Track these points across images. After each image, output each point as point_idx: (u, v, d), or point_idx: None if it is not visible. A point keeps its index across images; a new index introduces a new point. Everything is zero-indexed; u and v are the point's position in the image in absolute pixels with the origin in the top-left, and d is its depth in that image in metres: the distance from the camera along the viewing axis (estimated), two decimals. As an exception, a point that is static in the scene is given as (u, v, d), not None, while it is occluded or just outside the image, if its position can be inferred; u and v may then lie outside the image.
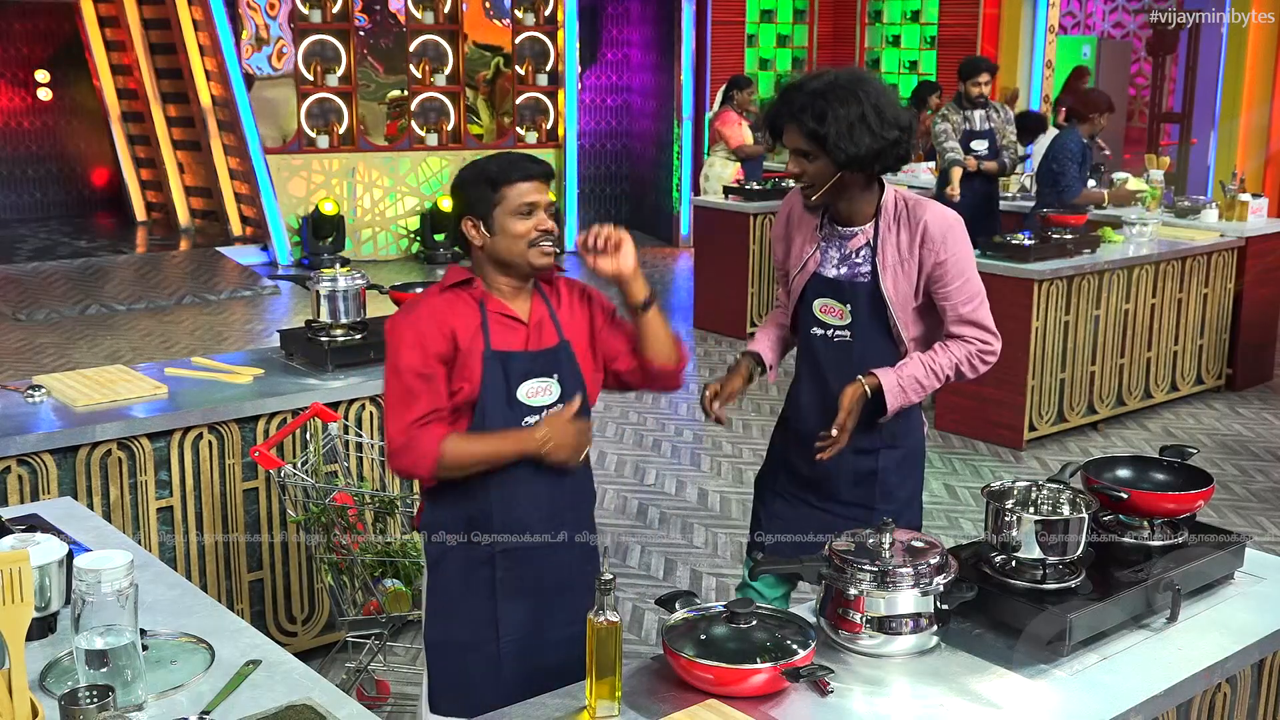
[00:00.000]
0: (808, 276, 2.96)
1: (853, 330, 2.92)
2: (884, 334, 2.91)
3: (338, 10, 11.39)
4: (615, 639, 2.08)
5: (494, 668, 2.69)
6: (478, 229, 2.64)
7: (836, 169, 2.81)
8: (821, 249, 2.96)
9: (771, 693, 2.12)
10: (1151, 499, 2.62)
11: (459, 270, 2.70)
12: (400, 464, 2.60)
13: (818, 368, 2.98)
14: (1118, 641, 2.35)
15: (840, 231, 2.94)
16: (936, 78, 12.37)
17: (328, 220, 11.11)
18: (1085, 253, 6.50)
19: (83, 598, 1.98)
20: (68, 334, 8.81)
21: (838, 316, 2.93)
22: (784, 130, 2.87)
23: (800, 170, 2.86)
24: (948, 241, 2.86)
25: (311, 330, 4.24)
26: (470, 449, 2.58)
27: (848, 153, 2.77)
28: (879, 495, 2.97)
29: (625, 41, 13.52)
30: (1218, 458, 6.36)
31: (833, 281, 2.93)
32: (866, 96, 2.77)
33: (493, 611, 2.68)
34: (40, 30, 12.99)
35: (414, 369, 2.57)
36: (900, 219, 2.89)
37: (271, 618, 4.03)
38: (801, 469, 3.03)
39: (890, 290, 2.87)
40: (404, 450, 2.56)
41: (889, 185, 2.95)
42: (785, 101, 2.85)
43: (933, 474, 6.08)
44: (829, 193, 2.86)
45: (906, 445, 3.02)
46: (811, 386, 3.00)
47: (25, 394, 3.78)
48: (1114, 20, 13.01)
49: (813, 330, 2.97)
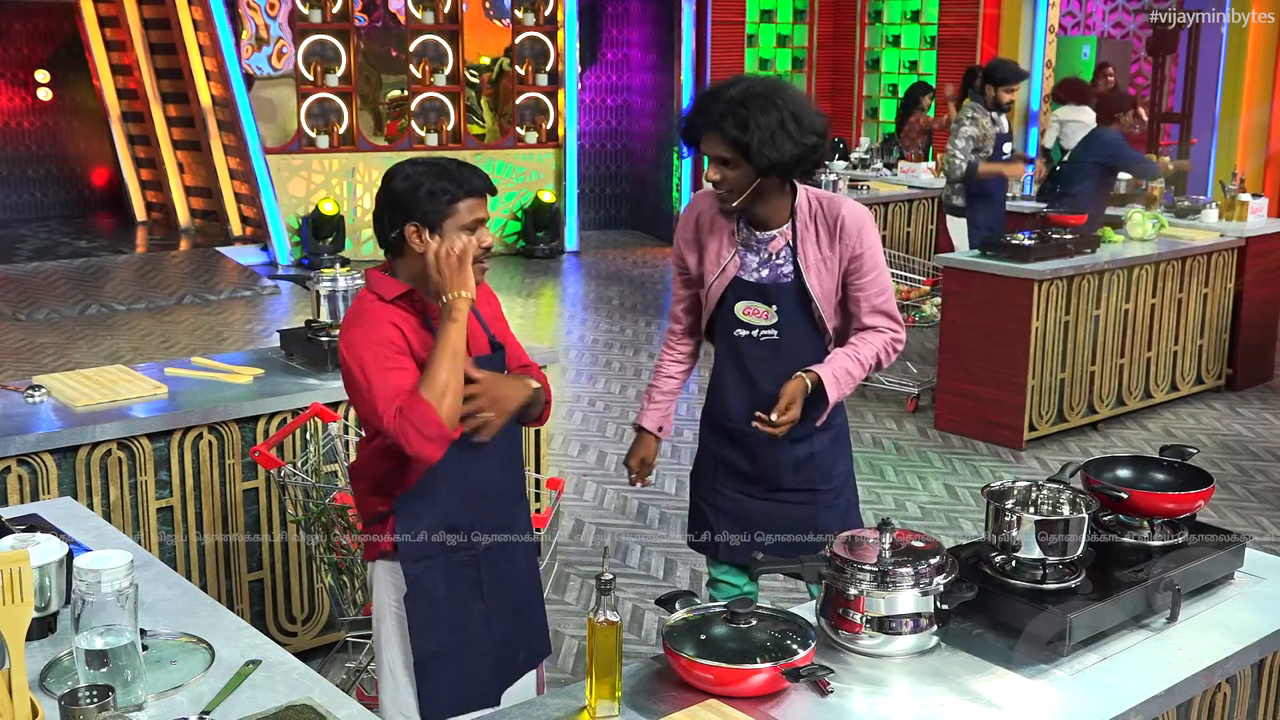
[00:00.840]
0: (728, 281, 3.03)
1: (779, 329, 3.01)
2: (809, 329, 3.02)
3: (338, 10, 11.39)
4: (615, 639, 2.08)
5: (485, 662, 2.74)
6: (421, 237, 2.58)
7: (757, 175, 2.87)
8: (740, 254, 3.02)
9: (771, 693, 2.12)
10: (1151, 499, 2.62)
11: (392, 281, 2.63)
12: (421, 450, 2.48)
13: (744, 367, 3.06)
14: (1118, 641, 2.35)
15: (758, 235, 3.01)
16: (936, 78, 12.36)
17: (328, 220, 11.11)
18: (1085, 253, 6.51)
19: (83, 598, 1.98)
20: (68, 334, 8.81)
21: (763, 318, 3.02)
22: (702, 138, 2.92)
23: (720, 177, 2.91)
24: (863, 235, 2.97)
25: (311, 330, 4.24)
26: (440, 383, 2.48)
27: (770, 158, 2.83)
28: (820, 477, 3.10)
29: (625, 41, 13.52)
30: (1218, 458, 6.36)
31: (755, 285, 3.01)
32: (785, 104, 2.84)
33: (483, 610, 2.72)
34: (40, 30, 12.99)
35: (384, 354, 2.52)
36: (816, 217, 2.98)
37: (271, 618, 4.03)
38: (741, 465, 3.13)
39: (815, 287, 2.97)
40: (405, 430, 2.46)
41: (800, 186, 3.02)
42: (703, 110, 2.90)
43: (933, 474, 6.09)
44: (747, 199, 2.93)
45: (835, 426, 3.13)
46: (740, 386, 3.08)
47: (25, 394, 3.78)
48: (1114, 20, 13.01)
49: (736, 332, 3.05)
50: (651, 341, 8.76)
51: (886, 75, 13.14)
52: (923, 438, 6.64)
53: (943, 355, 6.69)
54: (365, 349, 2.54)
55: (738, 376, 3.08)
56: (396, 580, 2.70)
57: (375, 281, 2.65)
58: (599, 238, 13.15)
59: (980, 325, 6.40)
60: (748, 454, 3.11)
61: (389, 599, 2.72)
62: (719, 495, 3.19)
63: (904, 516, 5.51)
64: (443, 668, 2.70)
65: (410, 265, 2.63)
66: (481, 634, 2.73)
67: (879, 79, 13.23)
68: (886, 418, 6.99)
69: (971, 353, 6.47)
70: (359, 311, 2.61)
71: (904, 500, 5.74)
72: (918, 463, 6.26)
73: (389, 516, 2.67)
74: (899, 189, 9.61)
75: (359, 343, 2.55)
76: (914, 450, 6.44)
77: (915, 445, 6.52)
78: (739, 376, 3.07)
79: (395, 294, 2.61)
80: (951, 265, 6.55)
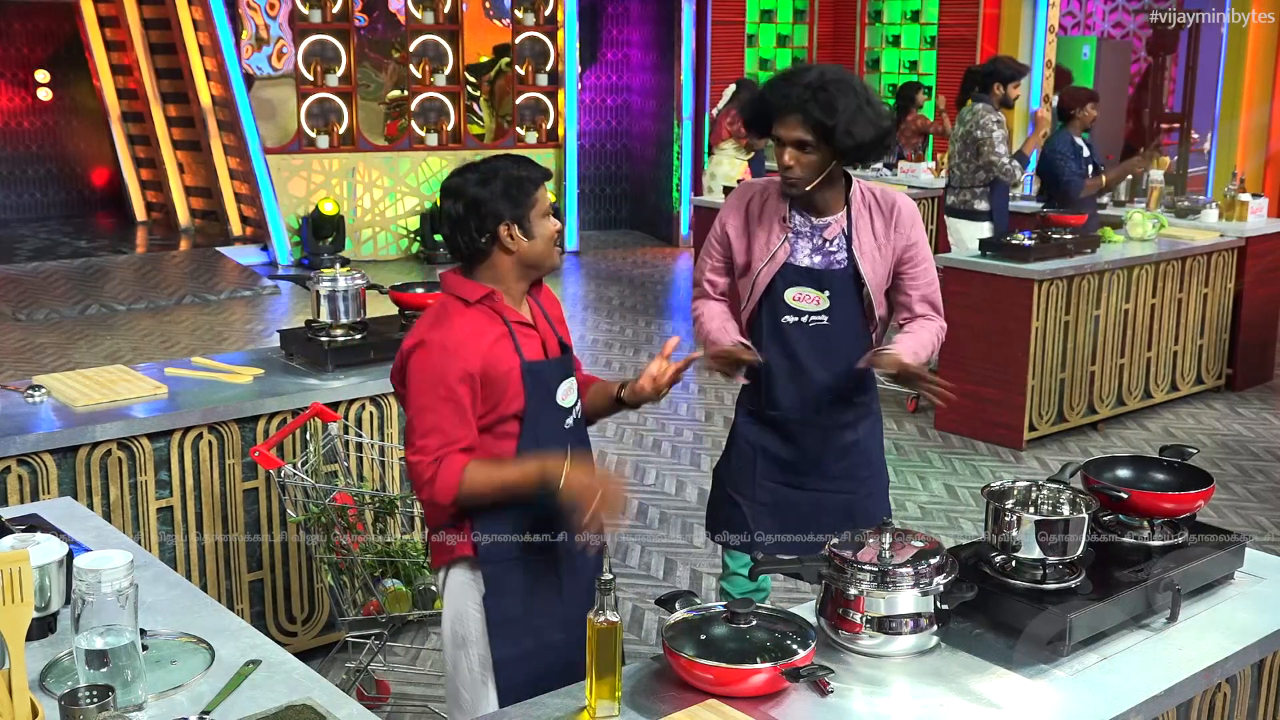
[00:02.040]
0: (778, 267, 3.03)
1: (830, 315, 3.02)
2: (859, 317, 3.04)
3: (338, 10, 11.39)
4: (615, 639, 2.08)
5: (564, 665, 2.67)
6: (512, 233, 2.61)
7: (833, 158, 2.90)
8: (791, 240, 3.03)
9: (771, 693, 2.12)
10: (1151, 499, 2.62)
11: (474, 284, 2.63)
12: (423, 495, 2.58)
13: (793, 354, 3.06)
14: (1118, 641, 2.35)
15: (814, 222, 3.03)
16: (936, 78, 12.37)
17: (328, 220, 11.11)
18: (1085, 253, 6.51)
19: (83, 598, 1.98)
20: (68, 334, 8.81)
21: (814, 303, 3.03)
22: (781, 123, 2.92)
23: (794, 162, 2.92)
24: (916, 225, 3.04)
25: (311, 330, 4.24)
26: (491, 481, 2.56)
27: (855, 139, 2.85)
28: (862, 463, 3.16)
29: (625, 41, 13.52)
30: (1218, 458, 6.36)
31: (808, 270, 3.02)
32: (860, 89, 2.89)
33: (562, 613, 2.69)
34: (40, 30, 12.99)
35: (444, 398, 2.53)
36: (871, 207, 3.02)
37: (271, 618, 4.03)
38: (785, 455, 3.13)
39: (869, 273, 3.00)
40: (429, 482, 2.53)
41: (853, 177, 3.07)
42: (784, 95, 2.91)
43: (933, 474, 6.09)
44: (820, 183, 2.94)
45: (873, 409, 3.21)
46: (787, 373, 3.07)
47: (25, 394, 3.78)
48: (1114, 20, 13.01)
49: (784, 319, 3.05)
50: (652, 342, 8.76)
51: (886, 75, 13.14)
52: (923, 438, 6.64)
53: (943, 355, 6.69)
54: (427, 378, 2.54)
55: (785, 365, 3.07)
56: (476, 581, 2.67)
57: (456, 285, 2.64)
58: (599, 238, 13.15)
59: (980, 325, 6.40)
60: (793, 443, 3.11)
61: (469, 602, 2.68)
62: (758, 488, 3.18)
63: (904, 516, 5.51)
64: (521, 669, 2.67)
65: (496, 267, 2.64)
66: (561, 638, 2.68)
67: (879, 79, 13.22)
68: (886, 418, 6.96)
69: (971, 353, 6.46)
70: (439, 320, 2.59)
71: (904, 500, 5.74)
72: (918, 463, 6.26)
73: (467, 517, 2.65)
74: (899, 189, 9.59)
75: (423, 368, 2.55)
76: (914, 450, 6.44)
77: (915, 445, 6.52)
78: (787, 365, 3.06)
79: (478, 296, 2.62)
80: (951, 265, 6.55)
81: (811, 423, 3.07)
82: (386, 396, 4.11)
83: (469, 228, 2.59)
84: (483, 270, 2.64)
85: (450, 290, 2.65)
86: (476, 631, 2.68)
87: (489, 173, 2.60)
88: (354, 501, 3.59)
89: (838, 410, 3.07)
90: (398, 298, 4.38)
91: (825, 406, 3.09)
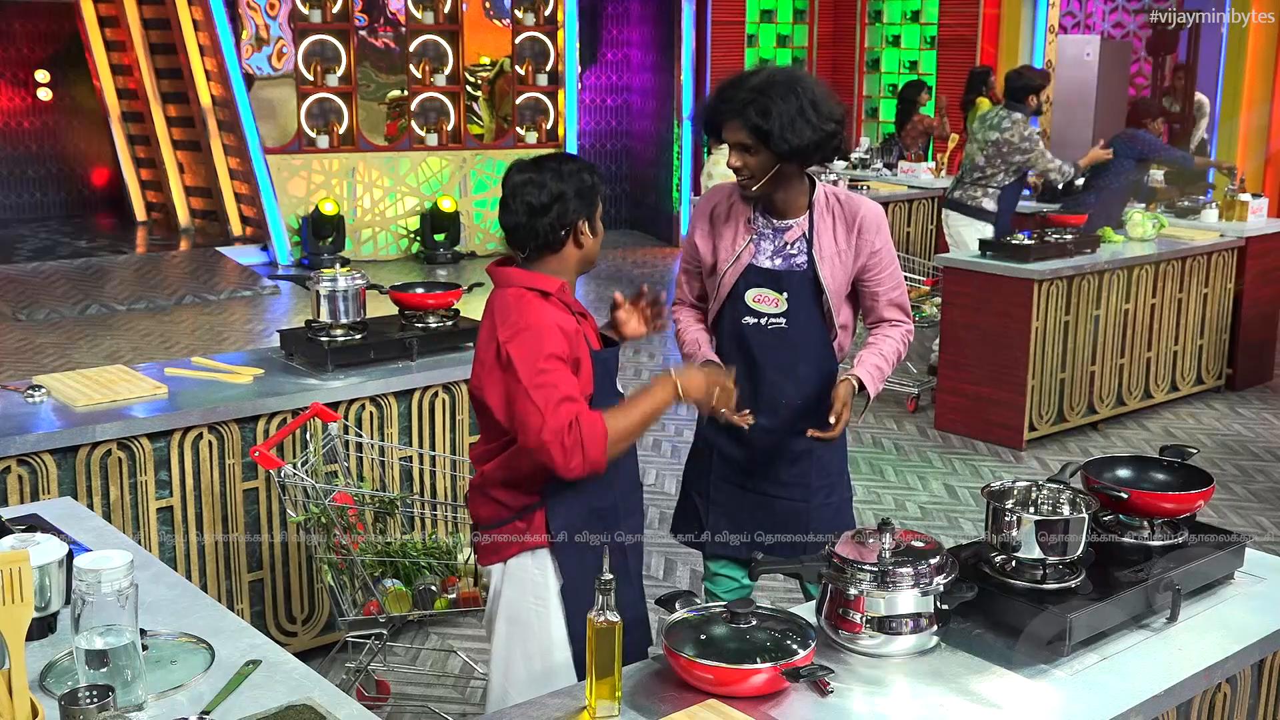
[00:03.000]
0: (741, 268, 3.09)
1: (788, 318, 3.06)
2: (817, 321, 3.07)
3: (338, 10, 11.38)
4: (615, 639, 2.08)
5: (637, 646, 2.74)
6: (585, 229, 2.68)
7: (776, 161, 2.94)
8: (755, 242, 3.08)
9: (771, 693, 2.12)
10: (1151, 499, 2.62)
11: (545, 277, 2.65)
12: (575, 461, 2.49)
13: (750, 356, 3.10)
14: (1118, 641, 2.35)
15: (775, 224, 3.07)
16: (936, 78, 12.37)
17: (328, 220, 11.11)
18: (1085, 253, 6.51)
19: (83, 598, 1.98)
20: (68, 334, 8.81)
21: (773, 305, 3.07)
22: (725, 126, 2.99)
23: (741, 164, 2.98)
24: (881, 232, 3.07)
25: (311, 330, 4.24)
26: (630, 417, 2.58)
27: (790, 144, 2.89)
28: (815, 473, 3.15)
29: (625, 41, 13.52)
30: (1218, 458, 6.36)
31: (768, 272, 3.07)
32: (804, 91, 2.91)
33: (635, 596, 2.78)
34: (40, 30, 12.99)
35: (555, 366, 2.54)
36: (834, 212, 3.05)
37: (271, 618, 4.03)
38: (738, 457, 3.17)
39: (828, 278, 3.04)
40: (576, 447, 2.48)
41: (818, 181, 3.11)
42: (726, 99, 2.97)
43: (933, 474, 6.09)
44: (767, 184, 2.98)
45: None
46: (744, 374, 3.08)
47: (25, 394, 3.78)
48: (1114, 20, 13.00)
49: (745, 320, 3.10)
50: (652, 341, 8.76)
51: (886, 75, 13.14)
52: (923, 438, 6.64)
53: (943, 355, 6.69)
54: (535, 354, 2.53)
55: (743, 367, 3.09)
56: (544, 575, 2.68)
57: (527, 278, 2.65)
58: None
59: (980, 325, 6.40)
60: (746, 445, 3.15)
61: (528, 596, 2.69)
62: (713, 486, 3.23)
63: (904, 516, 5.51)
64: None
65: (564, 260, 2.68)
66: (634, 619, 2.72)
67: (879, 79, 13.23)
68: (886, 418, 6.99)
69: (971, 353, 6.47)
70: (524, 310, 2.59)
71: (904, 500, 5.74)
72: (918, 463, 6.26)
73: (537, 509, 2.66)
74: (899, 189, 9.61)
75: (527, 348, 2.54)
76: (914, 450, 6.44)
77: (915, 445, 6.52)
78: (744, 366, 3.10)
79: (557, 288, 2.65)
80: (951, 265, 6.55)
81: (765, 426, 3.10)
82: (386, 396, 4.11)
83: (550, 219, 2.63)
84: (549, 263, 2.68)
85: (522, 283, 2.65)
86: (543, 624, 2.69)
87: (566, 170, 2.65)
88: (354, 501, 3.59)
89: (794, 416, 3.09)
90: (398, 298, 4.38)
91: (780, 410, 3.12)
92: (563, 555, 2.68)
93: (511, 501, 2.70)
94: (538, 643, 2.71)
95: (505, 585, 2.73)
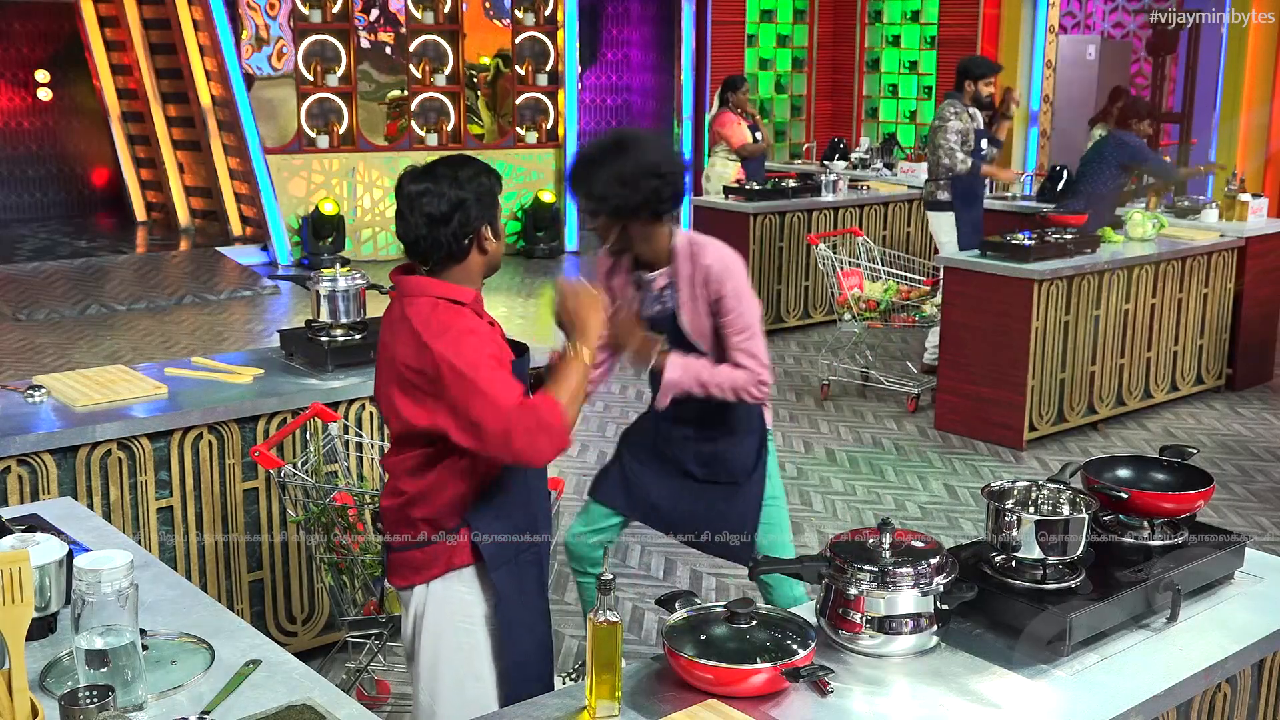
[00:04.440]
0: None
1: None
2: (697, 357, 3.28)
3: (338, 10, 11.39)
4: (615, 639, 2.08)
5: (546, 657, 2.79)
6: (488, 235, 2.62)
7: (615, 221, 3.17)
8: (639, 293, 3.34)
9: (771, 693, 2.12)
10: (1151, 499, 2.62)
11: (457, 287, 2.60)
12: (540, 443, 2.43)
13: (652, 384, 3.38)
14: (1118, 641, 2.35)
15: (646, 276, 3.31)
16: (936, 78, 12.37)
17: (328, 220, 11.11)
18: (1085, 253, 6.51)
19: (83, 598, 1.98)
20: (68, 334, 8.81)
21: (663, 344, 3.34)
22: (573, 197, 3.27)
23: (594, 227, 3.26)
24: (726, 280, 3.18)
25: (311, 330, 4.24)
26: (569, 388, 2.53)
27: (614, 206, 3.10)
28: (722, 472, 3.39)
29: (625, 41, 13.52)
30: (1218, 458, 6.36)
31: (650, 319, 3.32)
32: (625, 157, 3.10)
33: (545, 605, 2.78)
34: (40, 30, 12.99)
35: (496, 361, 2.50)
36: (691, 258, 3.23)
37: (271, 618, 4.03)
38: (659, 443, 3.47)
39: (687, 322, 3.24)
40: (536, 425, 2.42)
41: (678, 230, 3.30)
42: (570, 173, 3.22)
43: (933, 474, 6.09)
44: (620, 241, 3.22)
45: (744, 434, 3.39)
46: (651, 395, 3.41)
47: (25, 394, 3.78)
48: (1114, 20, 13.01)
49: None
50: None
51: (886, 75, 13.14)
52: (923, 438, 6.64)
53: (943, 355, 6.69)
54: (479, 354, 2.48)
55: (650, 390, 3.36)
56: (471, 593, 2.65)
57: (439, 288, 2.57)
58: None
59: (980, 325, 6.40)
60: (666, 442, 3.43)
61: (456, 616, 2.66)
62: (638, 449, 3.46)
63: (904, 516, 5.51)
64: (527, 670, 2.69)
65: (469, 268, 2.62)
66: (545, 630, 2.76)
67: (879, 79, 13.23)
68: (886, 418, 6.99)
69: (971, 353, 6.47)
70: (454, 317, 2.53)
71: (904, 500, 5.74)
72: (918, 463, 6.26)
73: (460, 528, 2.62)
74: (899, 189, 9.62)
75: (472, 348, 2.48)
76: (914, 450, 6.44)
77: (915, 445, 6.52)
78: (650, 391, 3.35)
79: (471, 299, 2.59)
80: (951, 265, 6.55)
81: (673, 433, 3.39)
82: (386, 396, 4.11)
83: (452, 229, 2.55)
84: (454, 273, 2.60)
85: (434, 294, 2.56)
86: (468, 642, 2.67)
87: (463, 176, 2.57)
88: (354, 501, 3.59)
89: (700, 423, 3.34)
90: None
91: (683, 423, 3.36)
92: (490, 574, 2.63)
93: (435, 520, 2.62)
94: (467, 665, 2.66)
95: (429, 607, 2.66)
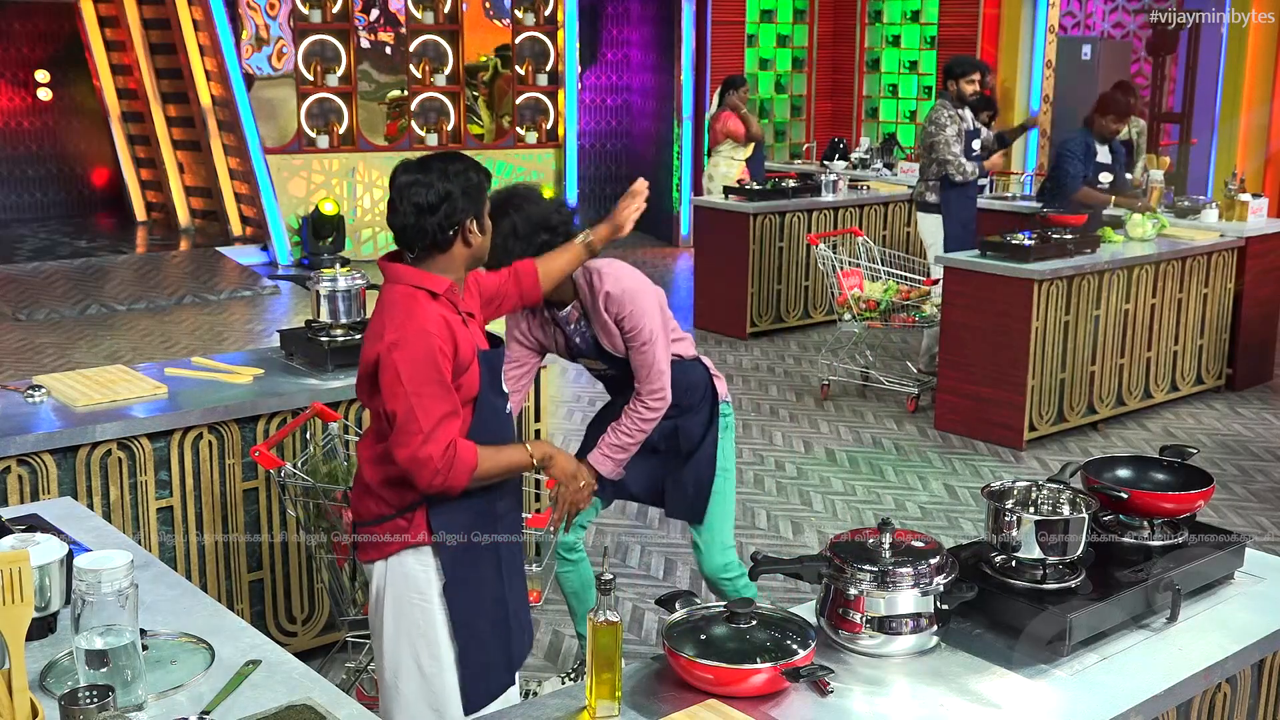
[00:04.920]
0: (565, 353, 3.59)
1: (613, 368, 3.55)
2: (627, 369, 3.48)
3: (338, 10, 11.39)
4: (615, 639, 2.08)
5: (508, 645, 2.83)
6: (473, 228, 2.70)
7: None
8: (560, 329, 3.52)
9: (771, 693, 2.12)
10: (1151, 499, 2.62)
11: (434, 276, 2.68)
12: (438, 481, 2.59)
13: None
14: (1118, 641, 2.35)
15: (558, 314, 3.48)
16: (936, 78, 12.36)
17: (328, 220, 11.11)
18: (1085, 253, 6.50)
19: (83, 598, 1.98)
20: (68, 334, 8.81)
21: (598, 366, 3.61)
22: None
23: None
24: (624, 300, 3.37)
25: (311, 330, 4.24)
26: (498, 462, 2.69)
27: (517, 257, 3.17)
28: (684, 440, 3.67)
29: (625, 41, 13.52)
30: (1218, 458, 6.36)
31: (580, 348, 3.53)
32: (514, 211, 3.24)
33: (503, 591, 2.80)
34: (40, 30, 12.99)
35: (434, 379, 2.58)
36: (591, 288, 3.40)
37: (271, 618, 4.03)
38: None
39: (608, 345, 3.44)
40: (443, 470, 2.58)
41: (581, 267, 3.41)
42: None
43: (933, 474, 6.09)
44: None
45: (697, 407, 3.67)
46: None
47: (25, 394, 3.78)
48: (1114, 20, 13.01)
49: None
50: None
51: (886, 75, 13.14)
52: (923, 438, 6.64)
53: (943, 355, 6.69)
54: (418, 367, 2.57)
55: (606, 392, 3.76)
56: (426, 572, 2.71)
57: (416, 277, 2.67)
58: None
59: (980, 325, 6.40)
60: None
61: (411, 592, 2.72)
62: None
63: (904, 516, 5.51)
64: (482, 654, 2.74)
65: (452, 259, 2.71)
66: (503, 617, 2.80)
67: (879, 79, 13.23)
68: (886, 418, 6.99)
69: (971, 353, 6.47)
70: (411, 312, 2.62)
71: (904, 500, 5.74)
72: (918, 463, 6.26)
73: (419, 507, 2.69)
74: (899, 189, 9.61)
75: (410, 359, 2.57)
76: (914, 450, 6.44)
77: (915, 445, 6.52)
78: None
79: (445, 289, 2.67)
80: (951, 265, 6.55)
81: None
82: (386, 396, 4.11)
83: (438, 219, 2.65)
84: (437, 262, 2.70)
85: (410, 281, 2.67)
86: (424, 621, 2.72)
87: (452, 170, 2.68)
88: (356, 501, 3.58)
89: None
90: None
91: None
92: (444, 553, 2.70)
93: (394, 499, 2.71)
94: (425, 640, 2.73)
95: (388, 582, 2.75)
